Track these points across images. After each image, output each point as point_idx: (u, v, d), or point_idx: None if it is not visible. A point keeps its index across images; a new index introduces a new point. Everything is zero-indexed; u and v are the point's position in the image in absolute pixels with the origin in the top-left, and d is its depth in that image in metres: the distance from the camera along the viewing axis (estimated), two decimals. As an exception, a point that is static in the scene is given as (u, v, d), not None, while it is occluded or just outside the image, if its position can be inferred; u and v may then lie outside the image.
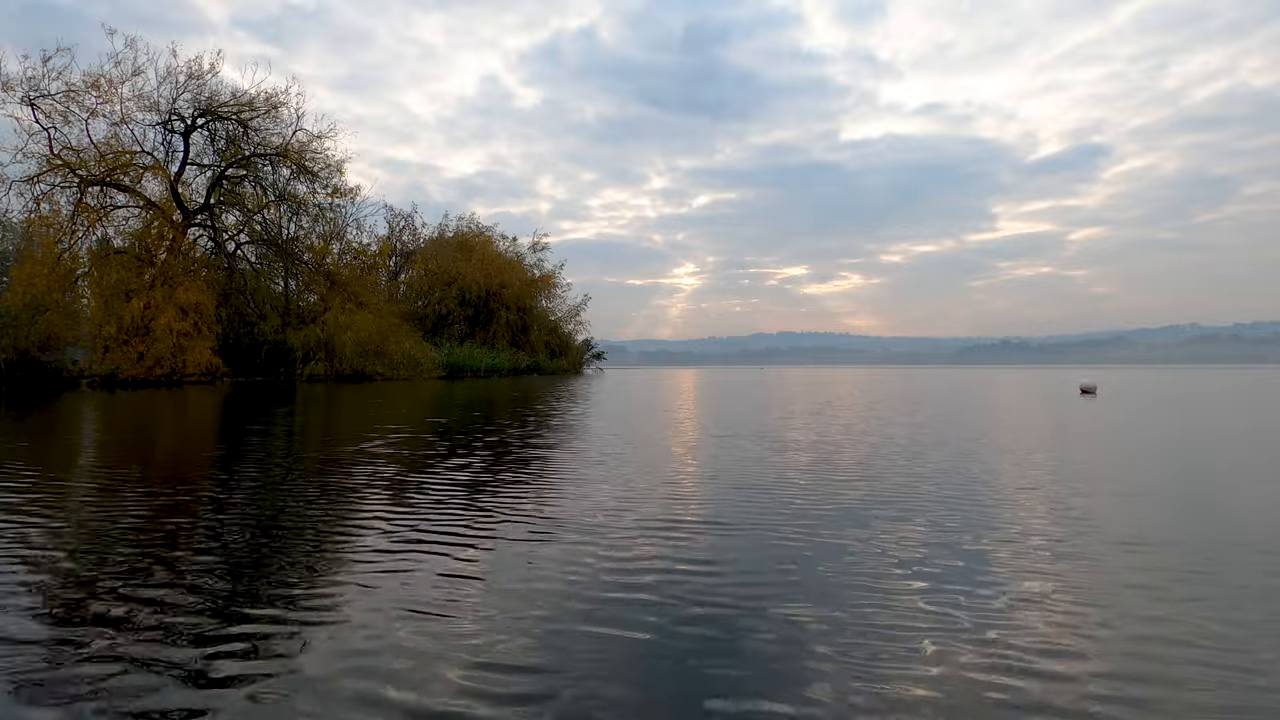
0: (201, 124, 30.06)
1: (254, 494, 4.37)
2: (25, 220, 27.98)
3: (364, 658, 1.92)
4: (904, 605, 2.32)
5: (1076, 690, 1.73)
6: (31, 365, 24.11)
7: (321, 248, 34.43)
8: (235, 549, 3.06)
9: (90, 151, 27.36)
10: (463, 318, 46.64)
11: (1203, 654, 1.94)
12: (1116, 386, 23.08)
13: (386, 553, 2.98)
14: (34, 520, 3.58)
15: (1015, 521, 3.53)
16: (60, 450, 7.20)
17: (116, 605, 2.32)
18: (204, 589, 2.50)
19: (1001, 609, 2.28)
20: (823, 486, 4.54)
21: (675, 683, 1.78)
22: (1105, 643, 2.02)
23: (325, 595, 2.45)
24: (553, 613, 2.26)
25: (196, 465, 5.88)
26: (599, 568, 2.74)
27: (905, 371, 64.98)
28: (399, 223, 49.64)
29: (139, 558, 2.89)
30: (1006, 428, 8.81)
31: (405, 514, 3.73)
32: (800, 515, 3.68)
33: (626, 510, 3.80)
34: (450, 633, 2.09)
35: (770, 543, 3.15)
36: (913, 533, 3.29)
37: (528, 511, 3.81)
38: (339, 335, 30.91)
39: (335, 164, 32.66)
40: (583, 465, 5.58)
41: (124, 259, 27.98)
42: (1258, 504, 4.11)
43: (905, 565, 2.77)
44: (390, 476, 5.00)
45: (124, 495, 4.29)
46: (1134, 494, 4.36)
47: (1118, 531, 3.32)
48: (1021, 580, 2.58)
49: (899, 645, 1.99)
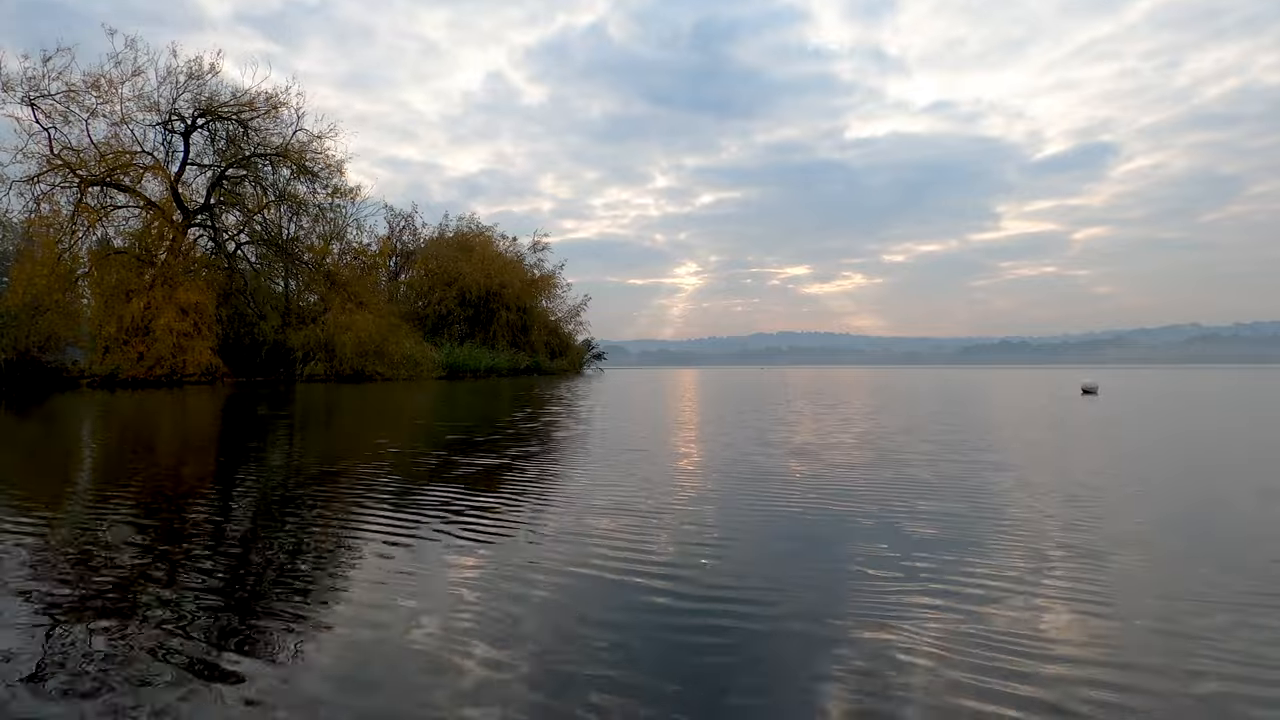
0: (202, 124, 30.09)
1: (254, 498, 4.37)
2: (25, 220, 28.00)
3: (364, 659, 1.92)
4: (905, 607, 2.31)
5: (1081, 693, 1.72)
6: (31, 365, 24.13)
7: (321, 248, 34.44)
8: (235, 550, 3.05)
9: (90, 151, 27.39)
10: (463, 318, 46.66)
11: (1211, 658, 1.94)
12: (1117, 386, 23.08)
13: (387, 554, 2.98)
14: (33, 521, 3.57)
15: (1018, 522, 3.52)
16: (60, 450, 7.20)
17: (116, 606, 2.32)
18: (204, 590, 2.49)
19: (1004, 609, 2.28)
20: (824, 488, 4.54)
21: (676, 684, 1.78)
22: (1110, 644, 2.01)
23: (325, 597, 2.44)
24: (553, 614, 2.26)
25: (196, 466, 5.88)
26: (600, 570, 2.74)
27: (905, 372, 64.99)
28: (399, 223, 49.70)
29: (139, 559, 2.89)
30: (1009, 427, 8.80)
31: (406, 515, 3.72)
32: (801, 518, 3.68)
33: (627, 512, 3.79)
34: (451, 634, 2.09)
35: (771, 544, 3.15)
36: (915, 534, 3.28)
37: (529, 513, 3.81)
38: (339, 335, 30.93)
39: (336, 164, 32.71)
40: (583, 467, 5.58)
41: (124, 259, 28.00)
42: (1258, 504, 4.11)
43: (907, 566, 2.76)
44: (391, 478, 5.00)
45: (124, 495, 4.28)
46: (1135, 493, 4.35)
47: (1121, 531, 3.32)
48: (1024, 582, 2.57)
49: (900, 648, 1.99)
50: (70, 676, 1.80)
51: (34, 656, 1.92)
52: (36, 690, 1.73)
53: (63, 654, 1.94)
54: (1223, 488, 4.69)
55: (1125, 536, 3.23)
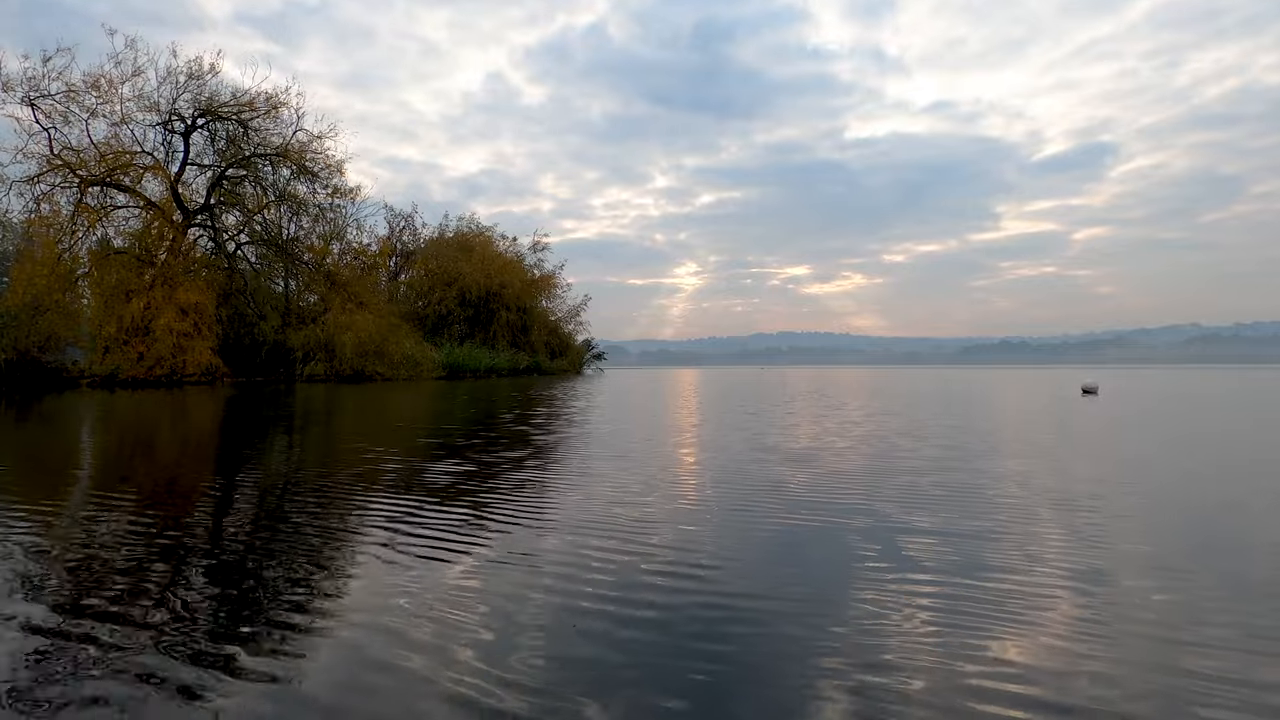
0: (202, 124, 30.08)
1: (254, 499, 4.36)
2: (25, 220, 28.00)
3: (365, 660, 1.91)
4: (907, 607, 2.30)
5: (1082, 694, 1.71)
6: (32, 365, 24.13)
7: (321, 248, 34.44)
8: (235, 553, 3.04)
9: (90, 152, 27.38)
10: (463, 318, 46.65)
11: (1217, 664, 1.93)
12: (1117, 387, 23.07)
13: (387, 555, 2.97)
14: (32, 520, 3.56)
15: (1021, 522, 3.51)
16: (59, 450, 7.19)
17: (116, 605, 2.31)
18: (203, 590, 2.48)
19: (1004, 610, 2.27)
20: (824, 490, 4.53)
21: (676, 686, 1.77)
22: (1111, 646, 2.00)
23: (323, 598, 2.44)
24: (554, 616, 2.25)
25: (196, 466, 5.87)
26: (602, 571, 2.73)
27: (905, 372, 64.97)
28: (399, 223, 49.70)
29: (138, 558, 2.88)
30: (1011, 426, 8.79)
31: (406, 517, 3.72)
32: (801, 520, 3.67)
33: (628, 514, 3.78)
34: (453, 637, 2.08)
35: (773, 543, 3.14)
36: (917, 534, 3.27)
37: (529, 515, 3.80)
38: (339, 335, 30.91)
39: (335, 164, 32.70)
40: (585, 469, 5.57)
41: (124, 259, 27.99)
42: (1259, 502, 4.09)
43: (908, 566, 2.75)
44: (391, 480, 4.99)
45: (123, 496, 4.27)
46: (1136, 500, 4.34)
47: (1123, 530, 3.31)
48: (1025, 582, 2.57)
49: (901, 650, 1.98)
50: (70, 678, 1.79)
51: (31, 658, 1.91)
52: (35, 691, 1.72)
53: (61, 655, 1.93)
54: (1223, 489, 4.67)
55: (1129, 541, 3.22)
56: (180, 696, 1.71)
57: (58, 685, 1.76)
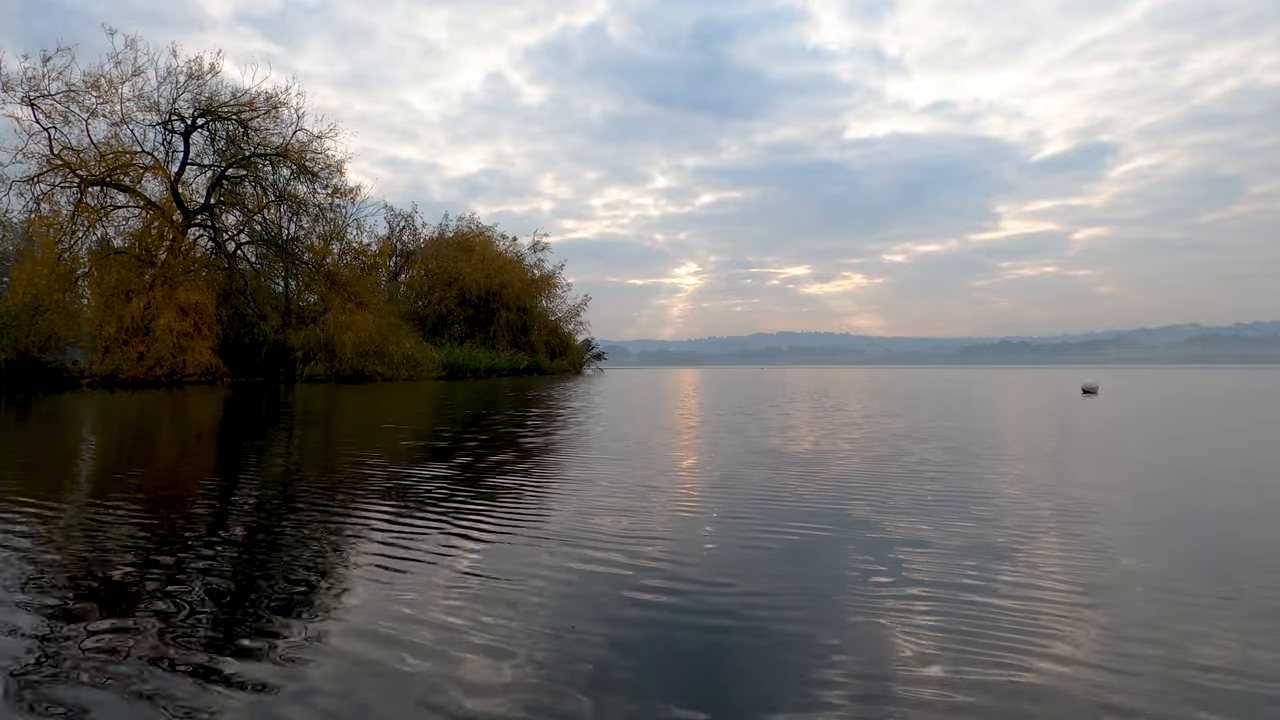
0: (202, 124, 30.08)
1: (252, 501, 4.35)
2: (25, 220, 28.01)
3: (361, 666, 1.90)
4: (906, 615, 2.29)
5: (1082, 694, 1.70)
6: (31, 365, 24.12)
7: (321, 248, 34.45)
8: (231, 557, 3.03)
9: (90, 151, 27.39)
10: (463, 318, 46.67)
11: (1222, 664, 1.91)
12: (1117, 387, 23.06)
13: (383, 560, 2.95)
14: (30, 522, 3.55)
15: (1021, 528, 3.50)
16: (58, 451, 7.18)
17: (110, 610, 2.30)
18: (198, 595, 2.47)
19: (1004, 611, 2.25)
20: (824, 491, 4.52)
21: (675, 690, 1.76)
22: (1110, 650, 1.99)
23: (322, 599, 2.42)
24: (550, 620, 2.24)
25: (193, 468, 5.86)
26: (599, 575, 2.72)
27: (905, 372, 64.97)
28: (399, 223, 49.72)
29: (138, 559, 2.86)
30: (1012, 427, 8.78)
31: (403, 517, 3.70)
32: (806, 519, 3.66)
33: (626, 519, 3.77)
34: (451, 641, 2.07)
35: (771, 550, 3.12)
36: (918, 541, 3.26)
37: (527, 520, 3.78)
38: (339, 335, 30.92)
39: (335, 164, 32.72)
40: (585, 469, 5.56)
41: (124, 259, 28.00)
42: (1260, 502, 4.08)
43: (907, 575, 2.74)
44: (388, 483, 4.98)
45: (123, 496, 4.26)
46: (1137, 492, 4.33)
47: (1123, 529, 3.30)
48: (1025, 584, 2.55)
49: (900, 661, 1.97)
50: (68, 679, 1.78)
51: (30, 659, 1.90)
52: (34, 692, 1.71)
53: (60, 656, 1.91)
54: (1223, 490, 4.66)
55: (1130, 542, 3.20)
56: (173, 704, 1.69)
57: (49, 692, 1.75)
